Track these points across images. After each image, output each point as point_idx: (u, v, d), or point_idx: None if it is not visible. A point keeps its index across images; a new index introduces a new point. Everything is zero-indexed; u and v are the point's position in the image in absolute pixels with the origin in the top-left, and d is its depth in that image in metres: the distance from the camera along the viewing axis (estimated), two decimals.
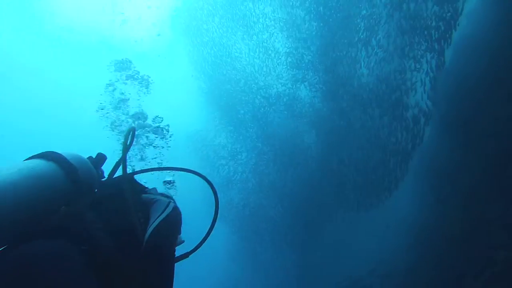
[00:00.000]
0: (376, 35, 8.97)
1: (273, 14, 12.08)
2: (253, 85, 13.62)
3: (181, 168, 1.97)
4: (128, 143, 1.73)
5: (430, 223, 7.37)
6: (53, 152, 1.44)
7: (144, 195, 1.74)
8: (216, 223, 1.96)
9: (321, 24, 10.31)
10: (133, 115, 6.40)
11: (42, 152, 1.44)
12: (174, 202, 1.86)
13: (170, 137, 6.34)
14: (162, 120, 6.25)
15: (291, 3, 10.98)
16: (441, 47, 7.45)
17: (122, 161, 1.65)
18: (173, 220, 1.63)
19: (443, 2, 7.17)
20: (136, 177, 1.86)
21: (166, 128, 6.25)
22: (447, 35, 7.21)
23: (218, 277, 23.18)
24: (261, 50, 13.01)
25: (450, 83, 7.26)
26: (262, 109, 13.43)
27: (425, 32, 7.59)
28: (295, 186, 12.83)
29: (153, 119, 6.31)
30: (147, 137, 6.08)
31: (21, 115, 28.29)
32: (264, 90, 13.23)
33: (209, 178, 2.00)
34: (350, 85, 9.96)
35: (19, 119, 28.37)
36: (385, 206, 9.65)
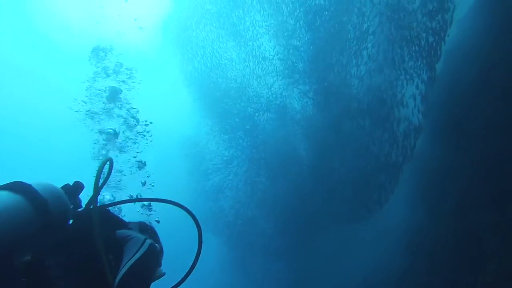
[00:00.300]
0: (366, 44, 9.04)
1: (264, 22, 12.11)
2: (243, 93, 13.59)
3: (164, 200, 1.84)
4: (106, 174, 1.62)
5: (422, 231, 7.36)
6: (21, 182, 1.35)
7: (118, 232, 1.61)
8: (198, 261, 1.83)
9: (312, 31, 10.36)
10: (108, 94, 6.29)
11: (10, 183, 1.34)
12: (155, 235, 1.76)
13: (147, 125, 6.27)
14: (137, 112, 6.19)
15: (281, 11, 11.03)
16: (431, 58, 7.52)
17: (94, 195, 1.52)
18: (147, 261, 1.51)
19: (433, 13, 7.26)
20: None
21: (146, 122, 6.20)
22: (438, 46, 7.29)
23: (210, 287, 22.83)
24: (251, 58, 13.02)
25: (440, 91, 7.32)
26: (254, 117, 13.39)
27: (415, 42, 7.67)
28: (286, 195, 12.75)
29: (128, 109, 6.24)
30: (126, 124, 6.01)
31: (17, 115, 27.80)
32: (256, 98, 13.21)
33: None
34: (341, 93, 9.99)
35: (16, 119, 27.88)
36: (376, 217, 9.63)
